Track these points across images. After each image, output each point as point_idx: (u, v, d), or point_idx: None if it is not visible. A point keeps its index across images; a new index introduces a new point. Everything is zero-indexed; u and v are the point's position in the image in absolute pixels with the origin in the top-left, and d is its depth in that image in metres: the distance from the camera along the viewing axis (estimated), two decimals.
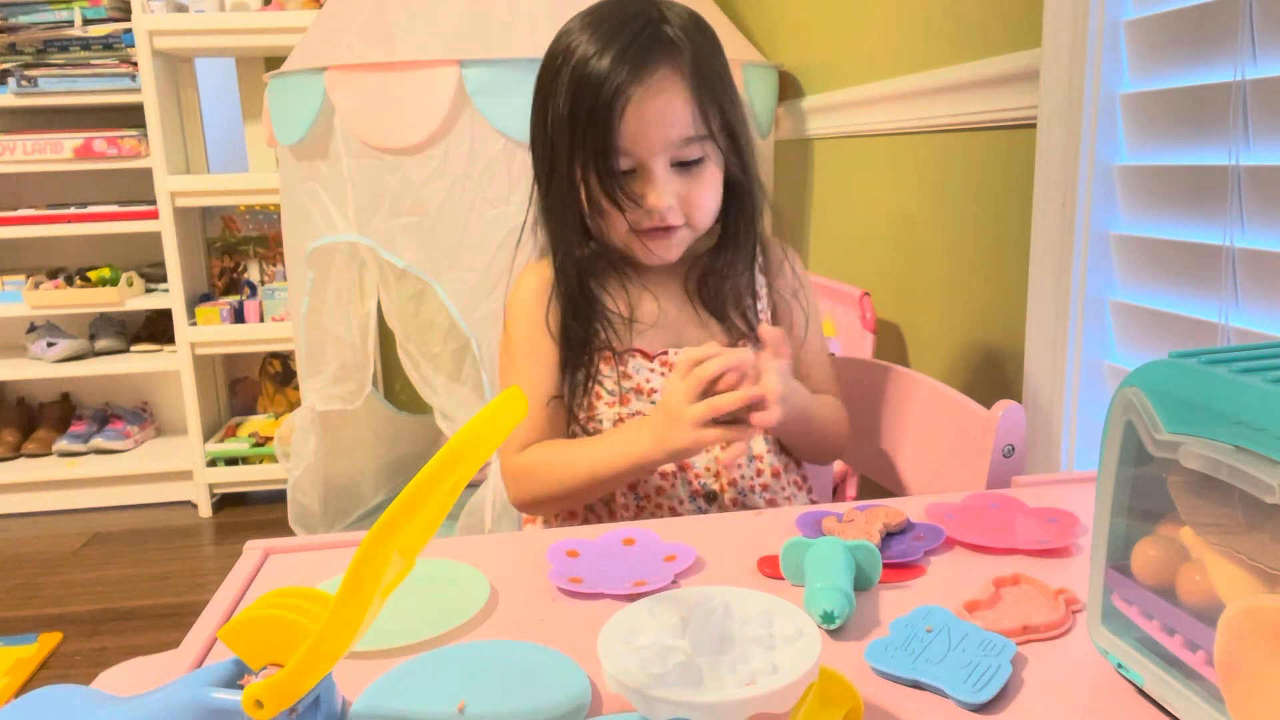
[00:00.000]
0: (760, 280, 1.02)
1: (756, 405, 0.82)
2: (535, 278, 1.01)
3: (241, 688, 0.46)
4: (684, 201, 0.92)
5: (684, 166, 0.92)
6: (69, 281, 2.81)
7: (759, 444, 0.98)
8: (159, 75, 2.59)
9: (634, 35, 0.88)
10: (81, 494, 2.81)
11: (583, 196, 0.92)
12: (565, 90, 0.90)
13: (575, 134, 0.89)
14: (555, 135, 0.91)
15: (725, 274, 0.99)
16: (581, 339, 0.97)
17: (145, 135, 2.64)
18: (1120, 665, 0.54)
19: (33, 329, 2.88)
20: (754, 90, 1.99)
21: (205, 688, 0.46)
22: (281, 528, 2.42)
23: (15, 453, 2.86)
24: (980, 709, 0.52)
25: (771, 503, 0.97)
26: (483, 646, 0.61)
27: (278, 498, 2.58)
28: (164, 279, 2.76)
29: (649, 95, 0.87)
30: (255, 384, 3.05)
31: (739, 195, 0.98)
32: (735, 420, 0.82)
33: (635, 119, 0.87)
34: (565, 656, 0.58)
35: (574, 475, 0.91)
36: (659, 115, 0.88)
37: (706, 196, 0.93)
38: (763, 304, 1.02)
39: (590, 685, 0.55)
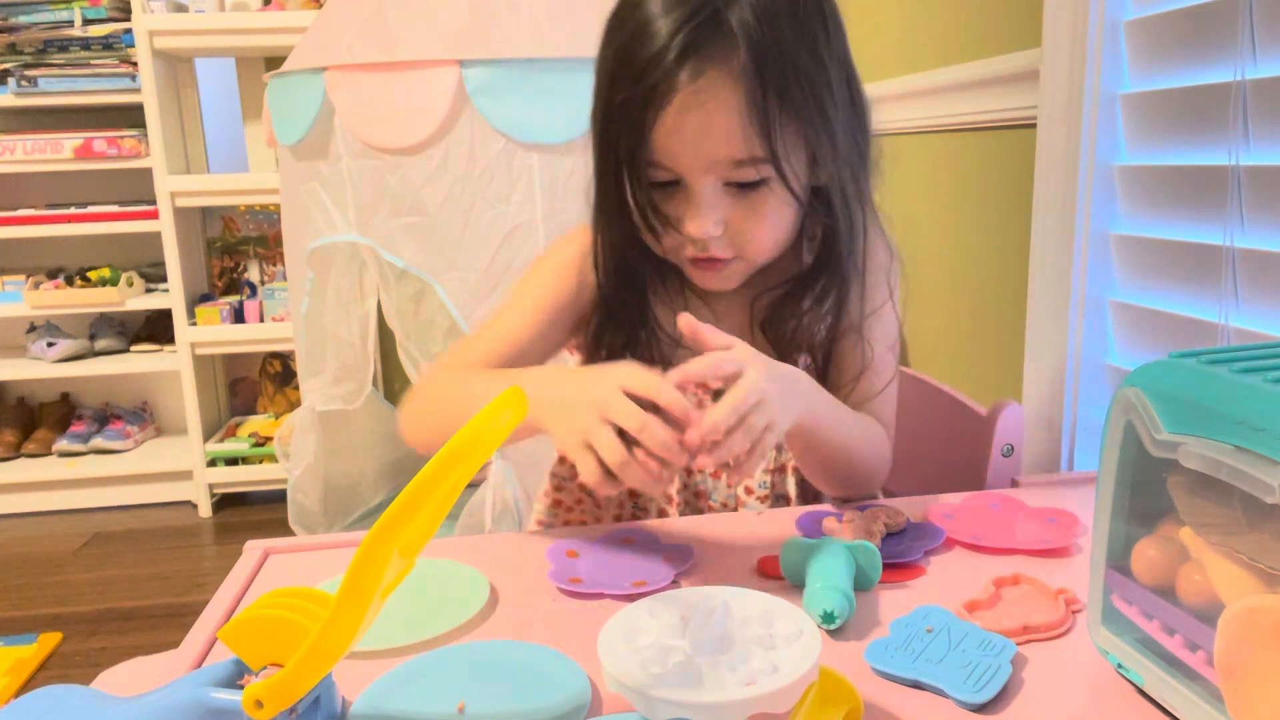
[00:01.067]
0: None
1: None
2: (587, 243, 0.83)
3: (241, 688, 0.46)
4: (734, 230, 0.74)
5: (739, 188, 0.73)
6: (69, 281, 2.81)
7: (790, 486, 0.88)
8: (159, 75, 2.59)
9: (687, 18, 0.67)
10: (81, 494, 2.81)
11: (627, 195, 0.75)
12: (607, 60, 0.72)
13: (610, 122, 0.72)
14: (595, 111, 0.74)
15: (797, 314, 0.81)
16: (616, 347, 0.82)
17: (145, 135, 2.64)
18: (1120, 665, 0.54)
19: (33, 329, 2.88)
20: None
21: (205, 688, 0.46)
22: (281, 528, 2.42)
23: (15, 453, 2.86)
24: (980, 709, 0.52)
25: None
26: (483, 646, 0.61)
27: (278, 498, 2.57)
28: (164, 279, 2.75)
29: (688, 104, 0.68)
30: (255, 384, 3.05)
31: (829, 233, 0.78)
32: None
33: (669, 130, 0.69)
34: (565, 656, 0.58)
35: (454, 416, 0.79)
36: (698, 130, 0.69)
37: (763, 229, 0.75)
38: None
39: (590, 685, 0.55)
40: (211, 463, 2.78)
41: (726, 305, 0.84)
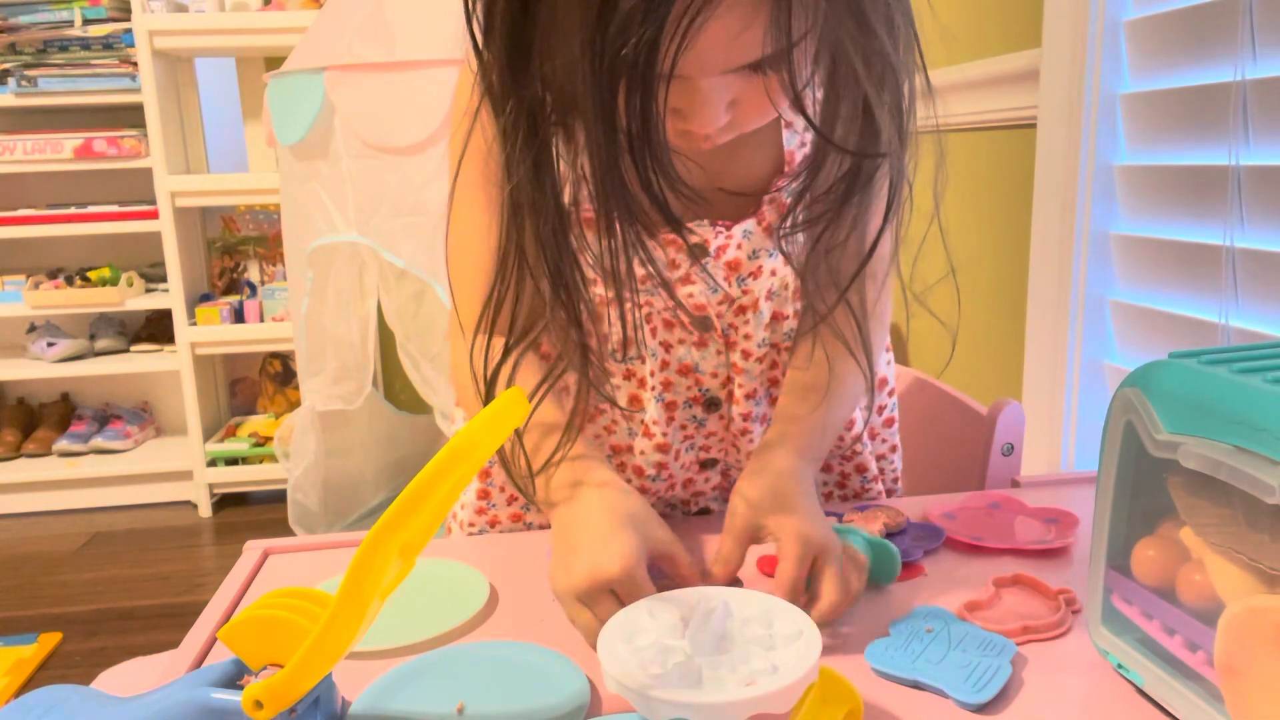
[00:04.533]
0: None
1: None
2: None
3: (241, 688, 0.46)
4: (735, 112, 0.62)
5: (748, 67, 0.59)
6: (69, 281, 2.81)
7: None
8: (159, 75, 2.59)
9: None
10: (81, 494, 2.81)
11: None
12: None
13: (605, 53, 0.53)
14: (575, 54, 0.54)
15: (825, 238, 0.70)
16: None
17: (145, 135, 2.64)
18: (1120, 665, 0.54)
19: (33, 329, 2.88)
20: None
21: (205, 688, 0.46)
22: (281, 528, 2.42)
23: (15, 453, 2.86)
24: (980, 709, 0.52)
25: None
26: (482, 647, 0.61)
27: (278, 498, 2.58)
28: (164, 279, 2.76)
29: (714, 15, 0.53)
30: (255, 384, 3.05)
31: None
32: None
33: (689, 42, 0.53)
34: (564, 657, 0.58)
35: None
36: (726, 40, 0.55)
37: (766, 111, 0.63)
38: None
39: (589, 686, 0.55)
40: (211, 463, 2.78)
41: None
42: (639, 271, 0.67)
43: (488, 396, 0.69)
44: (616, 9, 0.51)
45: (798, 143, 0.75)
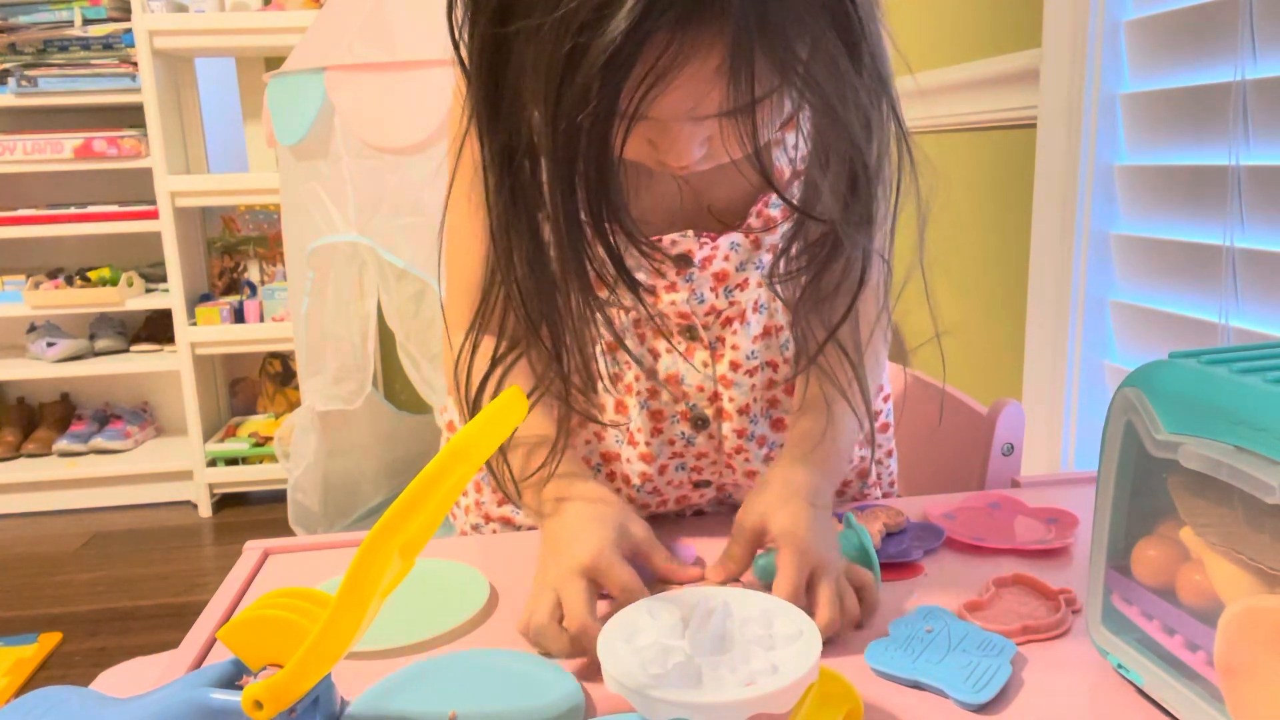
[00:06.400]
0: None
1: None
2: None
3: (241, 688, 0.46)
4: (711, 144, 0.61)
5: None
6: (69, 281, 2.81)
7: None
8: (159, 75, 2.59)
9: None
10: (81, 494, 2.81)
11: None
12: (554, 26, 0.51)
13: (566, 62, 0.52)
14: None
15: (819, 281, 0.70)
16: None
17: (145, 135, 2.64)
18: (1120, 665, 0.54)
19: (33, 329, 2.88)
20: None
21: (204, 688, 0.46)
22: (281, 528, 2.42)
23: (15, 453, 2.86)
24: (980, 709, 0.52)
25: None
26: (476, 655, 0.61)
27: (278, 498, 2.58)
28: (164, 279, 2.76)
29: (678, 80, 0.52)
30: (255, 384, 3.05)
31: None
32: None
33: (655, 97, 0.53)
34: (557, 665, 0.58)
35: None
36: (686, 105, 0.55)
37: (744, 147, 0.59)
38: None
39: (583, 693, 0.55)
40: (211, 463, 2.78)
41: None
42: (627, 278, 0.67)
43: (475, 407, 0.70)
44: (575, 77, 0.51)
45: (786, 160, 0.75)
